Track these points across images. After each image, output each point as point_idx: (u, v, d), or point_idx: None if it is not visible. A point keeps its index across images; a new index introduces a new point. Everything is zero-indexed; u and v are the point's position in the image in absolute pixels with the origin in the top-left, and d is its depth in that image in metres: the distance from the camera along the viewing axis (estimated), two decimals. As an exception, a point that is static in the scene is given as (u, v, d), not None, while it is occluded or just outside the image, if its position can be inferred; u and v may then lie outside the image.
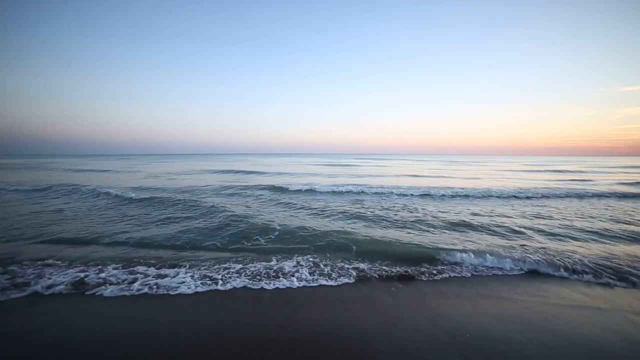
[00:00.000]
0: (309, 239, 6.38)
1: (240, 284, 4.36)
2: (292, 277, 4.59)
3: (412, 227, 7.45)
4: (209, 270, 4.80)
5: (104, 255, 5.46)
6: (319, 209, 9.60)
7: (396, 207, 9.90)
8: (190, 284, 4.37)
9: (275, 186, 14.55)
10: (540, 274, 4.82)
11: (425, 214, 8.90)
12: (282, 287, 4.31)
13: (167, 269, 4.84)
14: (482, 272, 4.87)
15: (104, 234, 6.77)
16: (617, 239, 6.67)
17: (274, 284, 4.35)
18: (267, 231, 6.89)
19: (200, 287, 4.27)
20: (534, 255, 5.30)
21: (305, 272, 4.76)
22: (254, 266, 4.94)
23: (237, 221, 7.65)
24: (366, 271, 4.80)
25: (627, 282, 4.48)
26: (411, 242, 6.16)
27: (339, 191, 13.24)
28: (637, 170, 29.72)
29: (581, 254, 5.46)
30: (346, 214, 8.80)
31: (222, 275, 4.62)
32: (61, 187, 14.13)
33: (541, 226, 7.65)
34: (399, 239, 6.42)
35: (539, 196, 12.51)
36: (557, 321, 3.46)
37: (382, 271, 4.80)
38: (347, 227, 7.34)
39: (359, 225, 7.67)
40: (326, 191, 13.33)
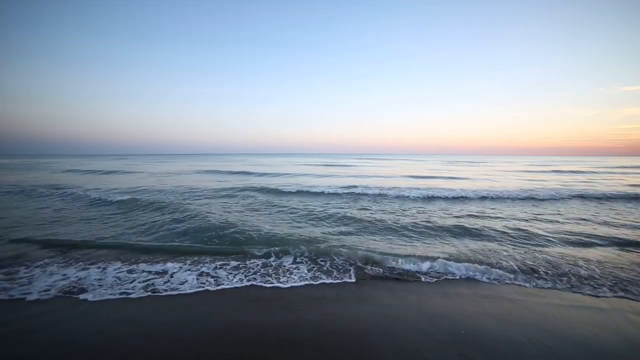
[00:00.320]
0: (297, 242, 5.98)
1: (245, 283, 4.37)
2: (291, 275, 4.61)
3: (419, 234, 6.97)
4: (207, 268, 4.81)
5: (102, 255, 5.47)
6: (309, 210, 9.23)
7: (396, 211, 9.71)
8: (192, 282, 4.38)
9: (266, 188, 13.95)
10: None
11: (430, 216, 8.84)
12: (280, 287, 4.32)
13: (162, 264, 4.85)
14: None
15: (95, 235, 6.77)
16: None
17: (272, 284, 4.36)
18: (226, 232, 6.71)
19: (200, 286, 4.27)
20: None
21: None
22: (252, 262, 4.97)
23: (218, 225, 7.29)
24: (366, 271, 4.79)
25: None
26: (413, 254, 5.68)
27: (333, 192, 12.78)
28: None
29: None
30: (339, 218, 8.34)
31: (220, 273, 4.63)
32: (45, 188, 13.87)
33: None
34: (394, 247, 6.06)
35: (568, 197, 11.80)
36: (557, 321, 3.46)
37: (382, 271, 4.80)
38: (333, 234, 6.94)
39: (350, 229, 7.42)
40: (313, 192, 12.86)
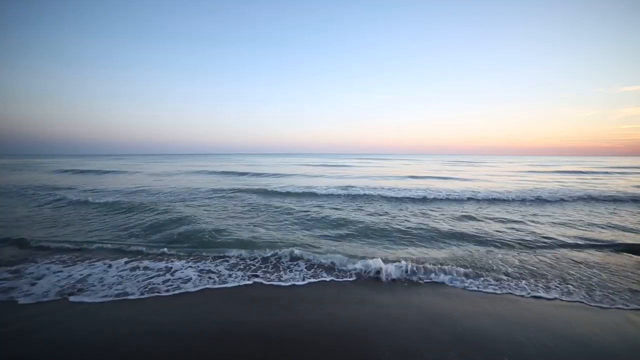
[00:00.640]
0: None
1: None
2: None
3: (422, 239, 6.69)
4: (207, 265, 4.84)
5: (104, 256, 5.48)
6: (299, 212, 8.98)
7: (395, 215, 9.48)
8: (195, 281, 4.46)
9: (255, 189, 13.55)
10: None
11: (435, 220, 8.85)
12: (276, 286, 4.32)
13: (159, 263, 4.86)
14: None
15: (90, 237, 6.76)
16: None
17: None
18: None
19: (201, 285, 4.29)
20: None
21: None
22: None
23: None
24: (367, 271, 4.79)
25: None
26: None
27: (329, 194, 12.45)
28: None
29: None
30: (330, 221, 8.07)
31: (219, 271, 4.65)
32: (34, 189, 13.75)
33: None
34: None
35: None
36: (557, 321, 3.46)
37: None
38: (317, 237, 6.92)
39: (345, 232, 7.41)
40: (303, 192, 12.65)
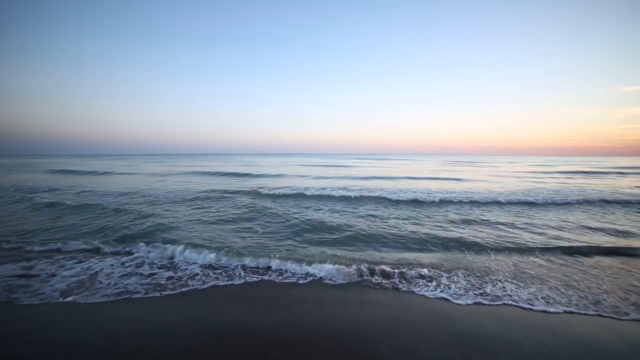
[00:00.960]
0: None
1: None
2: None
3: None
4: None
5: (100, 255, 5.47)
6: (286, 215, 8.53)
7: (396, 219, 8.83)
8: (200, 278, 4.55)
9: (252, 191, 13.14)
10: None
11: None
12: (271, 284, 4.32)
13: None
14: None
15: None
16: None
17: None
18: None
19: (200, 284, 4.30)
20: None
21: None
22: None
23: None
24: (367, 271, 4.79)
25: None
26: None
27: (326, 195, 12.07)
28: None
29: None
30: (322, 223, 7.67)
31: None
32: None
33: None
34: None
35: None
36: (557, 321, 3.46)
37: (383, 271, 4.78)
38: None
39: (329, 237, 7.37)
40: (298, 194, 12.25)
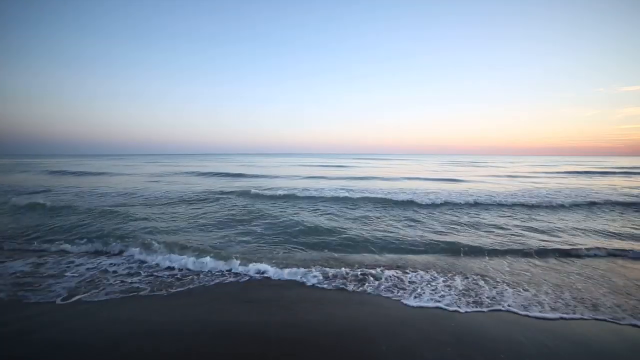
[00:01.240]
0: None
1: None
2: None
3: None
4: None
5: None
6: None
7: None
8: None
9: (246, 191, 12.66)
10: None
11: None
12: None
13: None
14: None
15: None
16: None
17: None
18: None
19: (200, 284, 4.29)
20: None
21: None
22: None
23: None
24: (366, 271, 4.79)
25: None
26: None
27: (320, 196, 11.70)
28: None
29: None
30: (315, 225, 7.45)
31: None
32: None
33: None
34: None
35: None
36: (557, 321, 3.46)
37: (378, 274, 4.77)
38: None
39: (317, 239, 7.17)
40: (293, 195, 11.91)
